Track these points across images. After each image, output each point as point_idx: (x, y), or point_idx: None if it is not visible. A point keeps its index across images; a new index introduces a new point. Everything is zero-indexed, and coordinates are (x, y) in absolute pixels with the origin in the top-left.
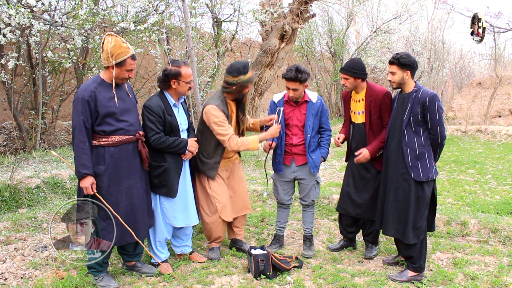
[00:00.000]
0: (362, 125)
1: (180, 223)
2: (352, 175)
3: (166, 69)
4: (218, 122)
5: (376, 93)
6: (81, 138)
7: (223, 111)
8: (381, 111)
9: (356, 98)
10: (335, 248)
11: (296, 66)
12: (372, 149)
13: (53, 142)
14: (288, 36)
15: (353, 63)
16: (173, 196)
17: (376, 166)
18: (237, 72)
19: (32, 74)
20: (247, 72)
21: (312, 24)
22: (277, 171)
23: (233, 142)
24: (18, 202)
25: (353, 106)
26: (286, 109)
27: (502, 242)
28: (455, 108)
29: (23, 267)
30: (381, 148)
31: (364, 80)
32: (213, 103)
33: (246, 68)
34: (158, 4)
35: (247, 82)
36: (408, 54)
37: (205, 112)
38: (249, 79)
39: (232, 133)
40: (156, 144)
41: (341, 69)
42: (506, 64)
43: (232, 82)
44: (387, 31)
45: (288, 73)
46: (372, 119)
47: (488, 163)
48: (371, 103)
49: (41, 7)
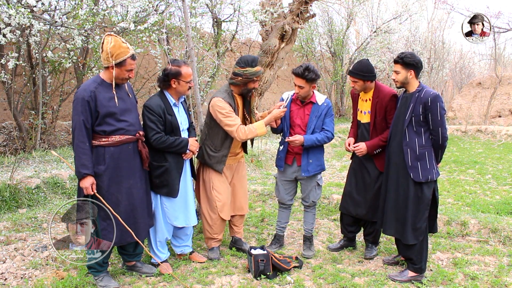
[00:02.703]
0: (367, 124)
1: (181, 223)
2: (355, 175)
3: (166, 68)
4: (225, 113)
5: (384, 94)
6: (81, 138)
7: (229, 103)
8: (386, 112)
9: (364, 97)
10: (335, 248)
11: (307, 64)
12: (370, 145)
13: (53, 142)
14: (288, 36)
15: (362, 65)
16: (174, 196)
17: (379, 167)
18: (245, 64)
19: (32, 74)
20: (255, 65)
21: (312, 24)
22: (278, 167)
23: (241, 131)
24: (18, 202)
25: (360, 105)
26: (292, 108)
27: (502, 242)
28: (455, 108)
29: (23, 267)
30: (380, 147)
31: (373, 81)
32: (219, 96)
33: (255, 61)
34: (158, 4)
35: (253, 75)
36: (413, 53)
37: (211, 105)
38: (255, 72)
39: (239, 123)
40: (156, 144)
41: (350, 73)
42: (506, 64)
43: (238, 72)
44: (387, 31)
45: (297, 68)
46: (377, 119)
47: (488, 163)
48: (378, 103)
49: (41, 7)
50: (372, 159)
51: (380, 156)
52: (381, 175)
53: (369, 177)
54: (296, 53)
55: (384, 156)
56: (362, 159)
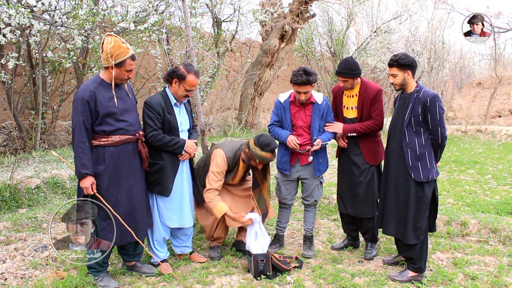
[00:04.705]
0: (354, 119)
1: (174, 224)
2: (343, 173)
3: (177, 67)
4: (215, 171)
5: (371, 89)
6: (81, 138)
7: (229, 164)
8: (371, 106)
9: (349, 93)
10: (339, 247)
11: (303, 69)
12: (347, 128)
13: (53, 142)
14: (288, 36)
15: (349, 64)
16: (166, 195)
17: (367, 159)
18: (259, 144)
19: (32, 74)
20: (267, 151)
21: (312, 24)
22: (283, 171)
23: (207, 195)
24: (18, 202)
25: (345, 101)
26: (292, 110)
27: (502, 242)
28: (455, 108)
29: (23, 267)
30: (355, 131)
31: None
32: (226, 152)
33: (268, 147)
34: (158, 4)
35: (257, 157)
36: (406, 54)
37: (214, 155)
38: (261, 158)
39: (215, 187)
40: (152, 141)
41: (339, 74)
42: (506, 64)
43: (249, 145)
44: (387, 31)
45: (298, 78)
46: (364, 114)
47: (488, 163)
48: (365, 99)
49: (41, 7)
50: (360, 152)
51: (369, 149)
52: (371, 168)
53: (358, 170)
54: (296, 53)
55: (373, 149)
56: (350, 155)
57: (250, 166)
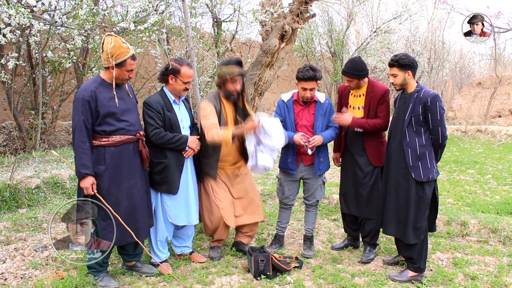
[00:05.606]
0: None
1: (182, 221)
2: (346, 172)
3: (168, 64)
4: (204, 114)
5: (378, 89)
6: (82, 138)
7: (214, 105)
8: (378, 106)
9: (356, 93)
10: (339, 247)
11: (309, 65)
12: (355, 121)
13: (53, 142)
14: (288, 36)
15: (356, 65)
16: (174, 193)
17: (372, 161)
18: (222, 63)
19: (32, 74)
20: (228, 64)
21: (312, 24)
22: (289, 171)
23: (210, 132)
24: (18, 202)
25: (352, 101)
26: (295, 109)
27: (502, 242)
28: (455, 108)
29: (23, 267)
30: (362, 127)
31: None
32: (206, 98)
33: (231, 62)
34: (158, 4)
35: (226, 74)
36: (406, 54)
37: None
38: (228, 72)
39: (213, 123)
40: (155, 139)
41: (345, 73)
42: (506, 64)
43: (217, 71)
44: (387, 31)
45: (305, 73)
46: (370, 114)
47: (488, 163)
48: (372, 99)
49: (41, 7)
50: (365, 152)
51: (374, 149)
52: (375, 170)
53: (362, 172)
54: (296, 53)
55: (377, 150)
56: (354, 155)
57: (230, 95)
